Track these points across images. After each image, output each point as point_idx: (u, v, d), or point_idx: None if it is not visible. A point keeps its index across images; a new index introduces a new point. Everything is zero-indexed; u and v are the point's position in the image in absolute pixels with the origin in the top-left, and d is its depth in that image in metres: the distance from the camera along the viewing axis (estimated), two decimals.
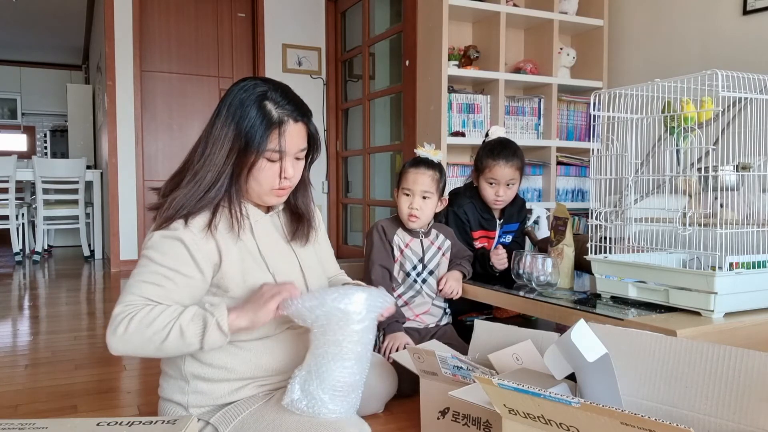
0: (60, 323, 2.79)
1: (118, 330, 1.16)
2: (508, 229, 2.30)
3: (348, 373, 1.21)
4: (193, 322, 1.17)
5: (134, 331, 1.15)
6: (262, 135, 1.25)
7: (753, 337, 1.41)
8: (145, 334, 1.16)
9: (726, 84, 1.40)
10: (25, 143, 9.26)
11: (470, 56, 3.20)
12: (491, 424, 1.29)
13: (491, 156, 2.14)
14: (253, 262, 1.31)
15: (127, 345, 1.17)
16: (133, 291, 1.21)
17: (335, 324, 1.20)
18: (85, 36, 7.57)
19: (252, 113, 1.25)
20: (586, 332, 1.13)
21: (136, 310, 1.17)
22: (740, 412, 1.02)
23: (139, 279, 1.22)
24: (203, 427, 1.30)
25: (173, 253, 1.23)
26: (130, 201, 4.54)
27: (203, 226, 1.25)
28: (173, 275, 1.22)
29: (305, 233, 1.44)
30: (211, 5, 4.80)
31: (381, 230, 1.99)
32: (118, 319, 1.17)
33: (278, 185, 1.31)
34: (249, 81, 1.31)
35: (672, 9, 3.05)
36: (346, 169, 5.06)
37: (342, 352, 1.21)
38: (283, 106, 1.28)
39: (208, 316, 1.18)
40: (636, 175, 1.63)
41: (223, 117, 1.28)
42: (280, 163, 1.29)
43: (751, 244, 1.50)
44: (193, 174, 1.28)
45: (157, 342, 1.16)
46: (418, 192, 1.94)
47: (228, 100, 1.29)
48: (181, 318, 1.17)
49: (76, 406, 1.74)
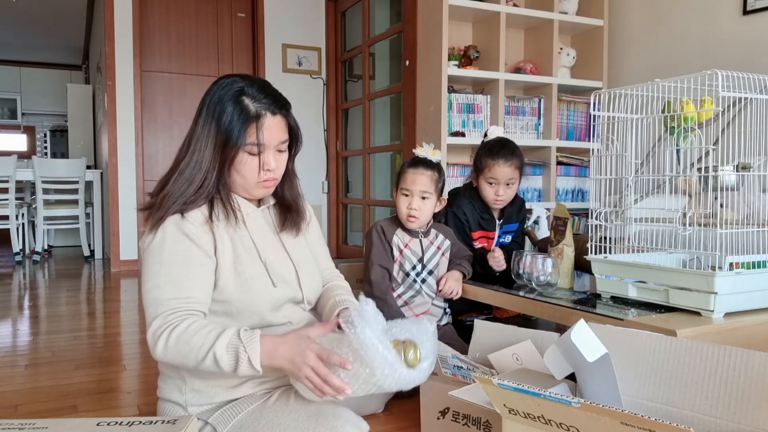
0: (60, 323, 2.79)
1: (158, 345, 1.19)
2: (507, 229, 2.30)
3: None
4: (227, 352, 1.17)
5: (173, 348, 1.18)
6: (240, 129, 1.28)
7: (753, 337, 1.41)
8: (182, 351, 1.18)
9: (726, 84, 1.40)
10: (25, 143, 9.26)
11: (470, 56, 3.20)
12: (491, 424, 1.29)
13: (490, 155, 2.14)
14: (245, 250, 1.33)
15: (168, 360, 1.20)
16: (156, 296, 1.22)
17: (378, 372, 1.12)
18: (85, 36, 7.57)
19: (229, 109, 1.28)
20: (586, 332, 1.13)
21: (174, 323, 1.19)
22: (740, 412, 1.02)
23: (156, 283, 1.23)
24: (202, 426, 1.30)
25: (179, 248, 1.24)
26: (130, 201, 4.54)
27: (203, 219, 1.28)
28: (188, 270, 1.23)
29: (295, 223, 1.46)
30: (211, 5, 4.80)
31: (380, 230, 1.99)
32: (158, 333, 1.19)
33: (262, 177, 1.33)
34: (227, 78, 1.34)
35: (672, 9, 3.05)
36: (346, 169, 5.06)
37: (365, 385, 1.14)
38: (260, 100, 1.30)
39: (240, 351, 1.16)
40: (636, 175, 1.63)
41: (203, 115, 1.31)
42: (260, 156, 1.31)
43: (751, 244, 1.50)
44: (179, 172, 1.30)
45: (194, 361, 1.18)
46: (416, 192, 1.94)
47: (208, 98, 1.32)
48: (217, 345, 1.17)
49: (76, 406, 1.74)
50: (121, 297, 3.52)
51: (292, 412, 1.23)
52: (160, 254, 1.24)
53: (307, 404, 1.25)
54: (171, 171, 1.34)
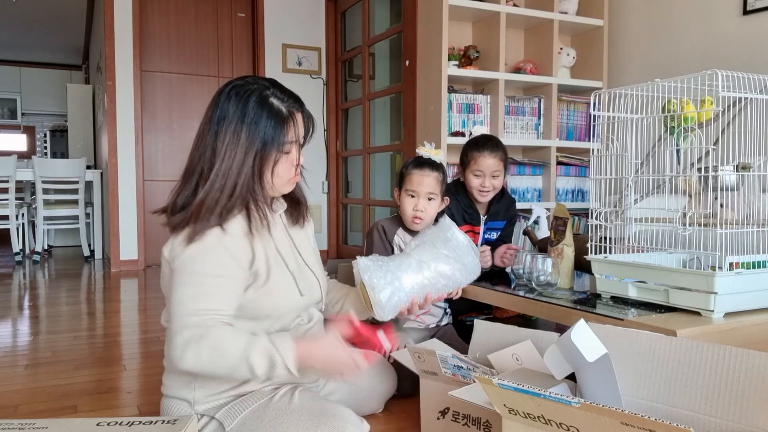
0: (60, 323, 2.79)
1: (188, 355, 1.18)
2: (493, 226, 2.32)
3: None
4: (263, 359, 1.19)
5: (206, 360, 1.18)
6: (280, 132, 1.30)
7: (753, 337, 1.41)
8: (215, 362, 1.18)
9: (726, 84, 1.40)
10: (25, 143, 9.26)
11: (470, 56, 3.20)
12: (491, 424, 1.29)
13: (476, 148, 2.21)
14: (275, 262, 1.35)
15: (197, 369, 1.20)
16: (188, 307, 1.22)
17: None
18: (85, 36, 7.56)
19: (264, 114, 1.29)
20: (586, 332, 1.13)
21: (205, 334, 1.18)
22: (740, 412, 1.02)
23: (188, 293, 1.23)
24: (208, 422, 1.31)
25: (216, 259, 1.24)
26: (130, 201, 4.54)
27: (243, 232, 1.29)
28: (222, 282, 1.24)
29: (302, 215, 1.51)
30: (211, 5, 4.80)
31: (381, 230, 1.99)
32: (189, 343, 1.18)
33: (294, 174, 1.38)
34: (241, 83, 1.33)
35: (672, 9, 3.05)
36: (346, 169, 5.06)
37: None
38: (285, 100, 1.33)
39: (275, 355, 1.19)
40: (636, 175, 1.63)
41: (228, 121, 1.29)
42: (296, 154, 1.35)
43: (751, 244, 1.50)
44: (211, 183, 1.28)
45: (226, 370, 1.19)
46: (423, 194, 1.94)
47: (228, 105, 1.30)
48: (252, 354, 1.18)
49: (76, 406, 1.74)
50: (121, 297, 3.52)
51: (295, 412, 1.24)
52: (195, 265, 1.24)
53: (309, 404, 1.26)
54: (189, 181, 1.32)
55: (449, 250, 1.66)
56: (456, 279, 1.67)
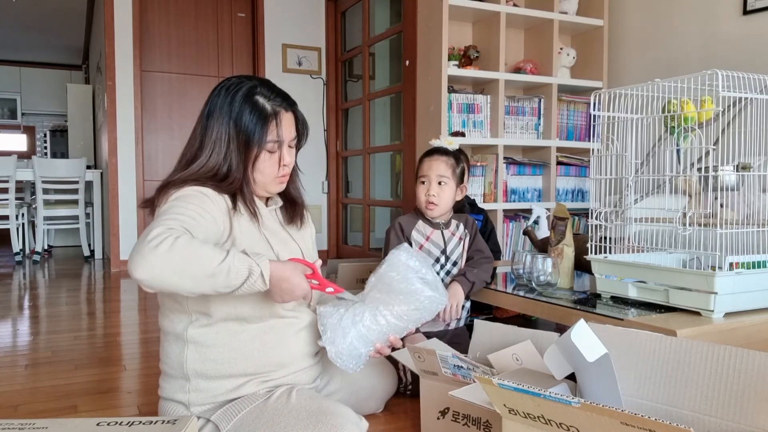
0: (60, 323, 2.79)
1: (161, 247, 1.08)
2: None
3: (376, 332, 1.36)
4: (242, 264, 1.15)
5: (181, 251, 1.09)
6: (261, 129, 1.32)
7: (753, 337, 1.41)
8: (188, 257, 1.10)
9: (726, 84, 1.40)
10: (25, 143, 9.26)
11: (470, 56, 3.20)
12: (491, 424, 1.29)
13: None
14: (261, 246, 1.34)
15: (167, 264, 1.08)
16: (169, 220, 1.17)
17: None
18: (85, 36, 7.56)
19: (247, 109, 1.32)
20: (586, 332, 1.13)
21: (180, 233, 1.13)
22: (740, 412, 1.02)
23: (171, 214, 1.19)
24: (204, 424, 1.30)
25: (197, 200, 1.25)
26: (130, 201, 4.54)
27: (226, 207, 1.30)
28: (201, 213, 1.23)
29: (300, 215, 1.50)
30: (211, 5, 4.80)
31: (398, 228, 1.97)
32: (161, 237, 1.09)
33: (279, 173, 1.38)
34: (233, 79, 1.37)
35: (672, 9, 3.05)
36: (346, 169, 5.06)
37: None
38: (272, 99, 1.35)
39: (253, 265, 1.17)
40: (636, 175, 1.63)
41: (216, 116, 1.33)
42: (279, 153, 1.36)
43: (751, 244, 1.50)
44: (191, 171, 1.32)
45: (199, 269, 1.11)
46: (433, 178, 1.93)
47: (218, 100, 1.34)
48: (232, 258, 1.15)
49: (76, 406, 1.74)
50: (121, 297, 3.52)
51: (293, 411, 1.23)
52: (176, 202, 1.23)
53: (307, 403, 1.26)
54: (176, 166, 1.36)
55: (403, 289, 1.39)
56: (415, 317, 1.42)
